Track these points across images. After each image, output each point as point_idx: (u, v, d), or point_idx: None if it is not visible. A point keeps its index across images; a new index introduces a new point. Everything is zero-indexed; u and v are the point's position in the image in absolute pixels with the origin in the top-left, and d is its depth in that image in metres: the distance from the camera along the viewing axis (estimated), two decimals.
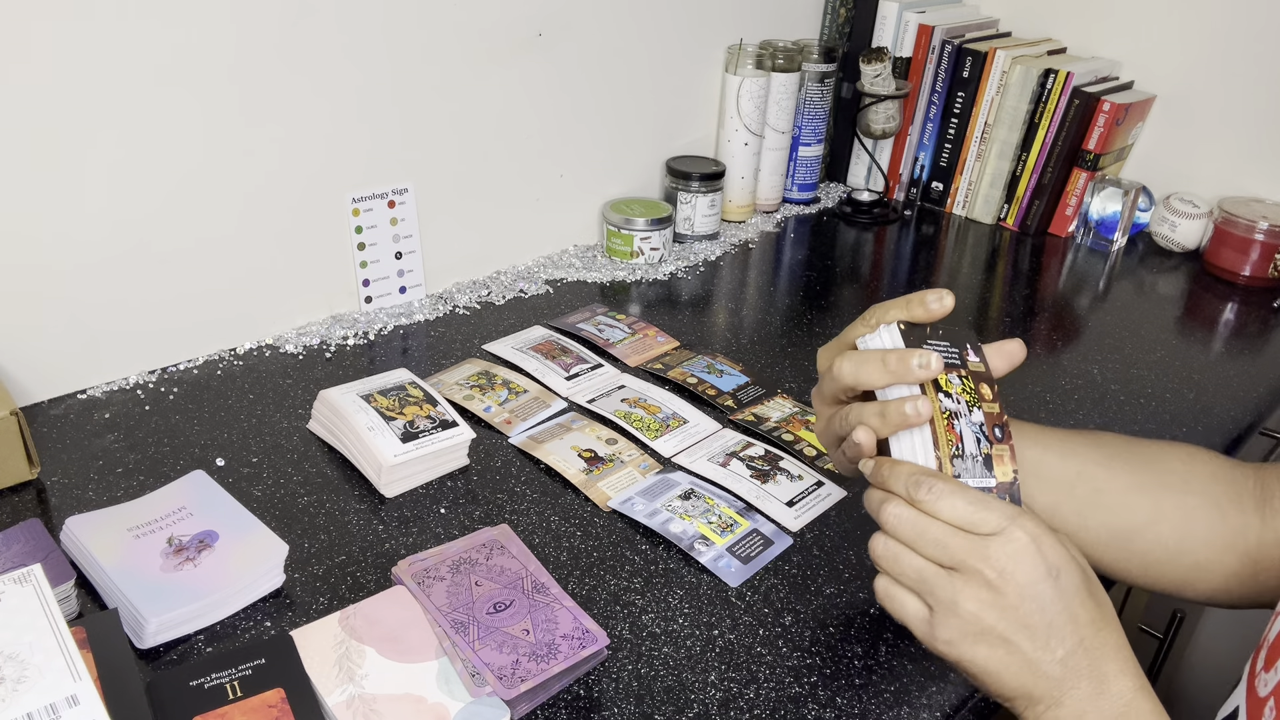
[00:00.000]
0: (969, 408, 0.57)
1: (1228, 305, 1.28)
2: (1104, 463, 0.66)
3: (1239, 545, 0.64)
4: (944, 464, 0.55)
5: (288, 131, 0.97)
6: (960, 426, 0.56)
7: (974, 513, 0.52)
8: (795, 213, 1.48)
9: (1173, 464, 0.67)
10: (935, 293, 0.57)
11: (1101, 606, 0.53)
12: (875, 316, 0.59)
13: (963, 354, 0.59)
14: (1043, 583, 0.51)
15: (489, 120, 1.13)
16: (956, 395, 0.57)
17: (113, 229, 0.89)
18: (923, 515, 0.53)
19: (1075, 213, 1.43)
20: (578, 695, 0.65)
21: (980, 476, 0.56)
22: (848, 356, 0.58)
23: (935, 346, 0.58)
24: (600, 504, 0.83)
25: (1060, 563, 0.51)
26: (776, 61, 1.37)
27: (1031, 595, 0.51)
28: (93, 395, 0.92)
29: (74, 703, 0.50)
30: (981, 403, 0.58)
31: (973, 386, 0.58)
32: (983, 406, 0.58)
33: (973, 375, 0.58)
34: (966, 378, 0.58)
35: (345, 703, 0.60)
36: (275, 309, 1.03)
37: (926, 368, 0.55)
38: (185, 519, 0.74)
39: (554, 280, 1.21)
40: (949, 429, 0.56)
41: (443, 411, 0.86)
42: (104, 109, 0.85)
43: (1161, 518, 0.65)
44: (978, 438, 0.57)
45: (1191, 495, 0.65)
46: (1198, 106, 1.41)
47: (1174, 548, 0.65)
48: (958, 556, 0.52)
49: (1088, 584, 0.52)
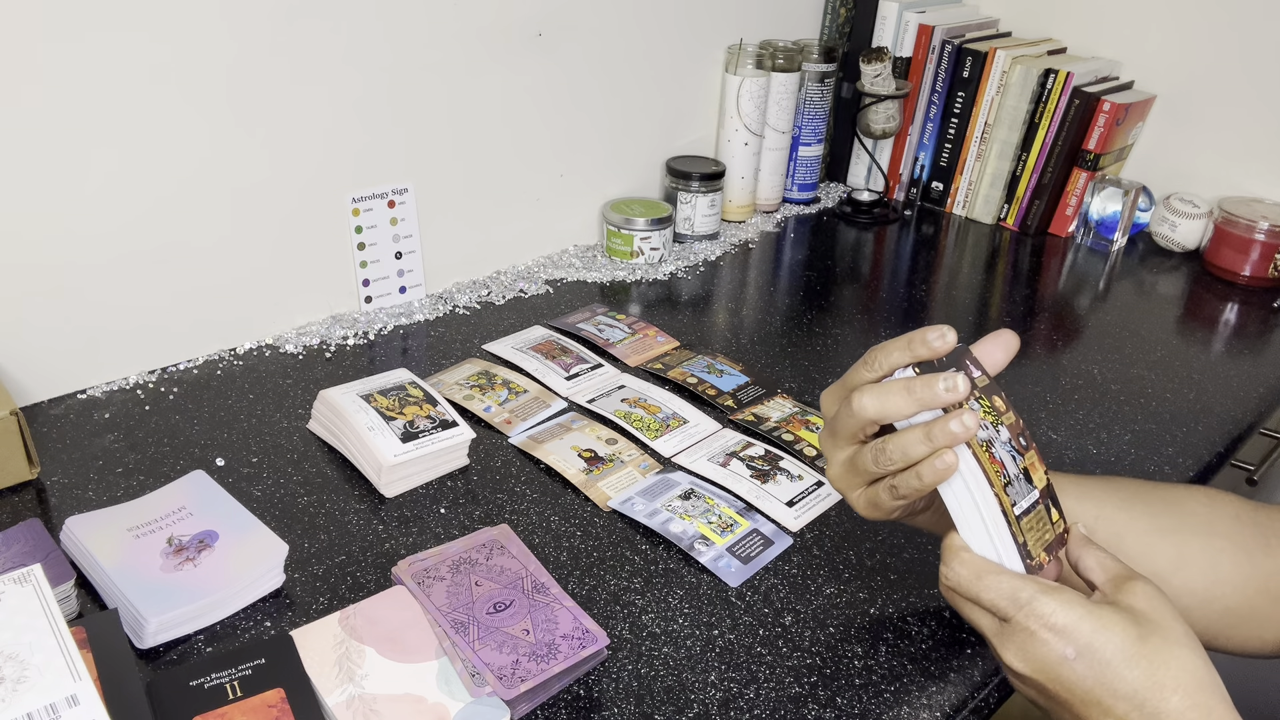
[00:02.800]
0: (995, 427, 0.56)
1: (1228, 305, 1.28)
2: (1123, 506, 0.64)
3: (1272, 589, 0.62)
4: (1001, 498, 0.55)
5: (288, 131, 0.97)
6: (998, 451, 0.56)
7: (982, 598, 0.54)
8: (795, 213, 1.48)
9: (1194, 506, 0.65)
10: (936, 330, 0.56)
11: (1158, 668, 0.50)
12: (877, 359, 0.58)
13: (969, 373, 0.57)
14: (1060, 667, 0.51)
15: (489, 120, 1.13)
16: (983, 421, 0.56)
17: (113, 229, 0.89)
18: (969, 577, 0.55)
19: (1075, 213, 1.43)
20: (578, 695, 0.65)
21: (1025, 495, 0.56)
22: (867, 390, 0.56)
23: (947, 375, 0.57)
24: (600, 504, 0.83)
25: (1081, 643, 0.51)
26: (776, 61, 1.37)
27: (1052, 679, 0.52)
28: (93, 395, 0.92)
29: (74, 703, 0.50)
30: (1001, 417, 0.57)
31: (989, 405, 0.57)
32: (1004, 421, 0.57)
33: (984, 393, 0.57)
34: (981, 398, 0.56)
35: (345, 703, 0.60)
36: (275, 309, 1.03)
37: (954, 390, 0.54)
38: (185, 519, 0.74)
39: (554, 280, 1.21)
40: (991, 459, 0.55)
41: (443, 411, 0.86)
42: (104, 110, 0.85)
43: (1187, 563, 0.63)
44: (1012, 455, 0.56)
45: (1216, 538, 0.63)
46: (1198, 106, 1.41)
47: (1203, 594, 0.63)
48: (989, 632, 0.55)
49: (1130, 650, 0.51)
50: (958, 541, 0.56)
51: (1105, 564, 0.56)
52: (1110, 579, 0.55)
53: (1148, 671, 0.50)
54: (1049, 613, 0.51)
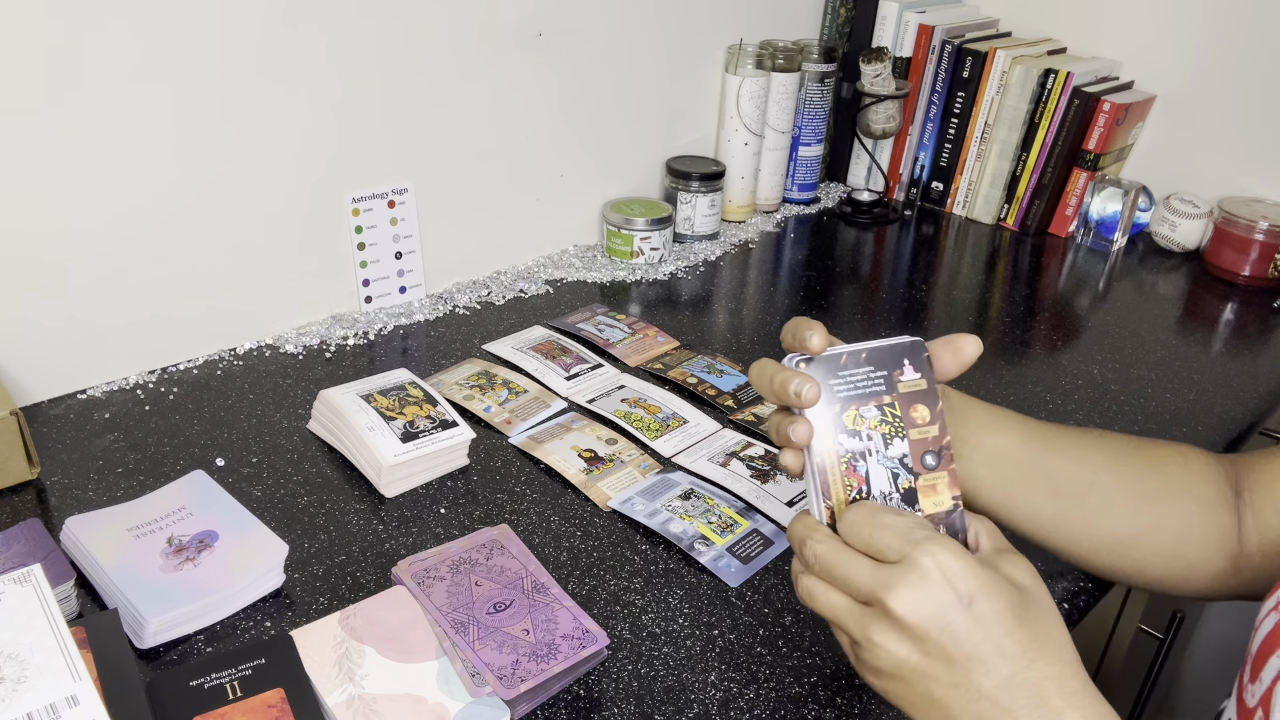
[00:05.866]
0: (887, 440, 0.54)
1: (1228, 305, 1.28)
2: (1113, 470, 0.65)
3: (1227, 546, 0.65)
4: (837, 512, 0.53)
5: (287, 132, 0.97)
6: (866, 467, 0.53)
7: (875, 537, 0.50)
8: (795, 213, 1.48)
9: (1171, 468, 0.66)
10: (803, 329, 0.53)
11: (1040, 636, 0.49)
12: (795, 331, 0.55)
13: (892, 376, 0.55)
14: (951, 611, 0.47)
15: (489, 120, 1.13)
16: (868, 431, 0.54)
17: (113, 229, 0.89)
18: (836, 546, 0.51)
19: (1075, 213, 1.43)
20: (578, 695, 0.65)
21: None
22: (757, 362, 0.56)
23: (847, 376, 0.54)
24: (600, 504, 0.83)
25: (975, 589, 0.48)
26: (776, 61, 1.37)
27: (939, 626, 0.47)
28: (93, 395, 0.92)
29: (74, 703, 0.50)
30: (910, 429, 0.54)
31: (899, 414, 0.54)
32: (910, 435, 0.54)
33: (903, 398, 0.54)
34: (891, 405, 0.54)
35: (345, 703, 0.60)
36: (275, 309, 1.03)
37: (800, 396, 0.52)
38: (185, 519, 0.74)
39: (554, 280, 1.21)
40: (849, 472, 0.53)
41: (443, 411, 0.86)
42: (103, 110, 0.85)
43: (1164, 525, 0.65)
44: (894, 473, 0.54)
45: (1190, 500, 0.65)
46: (1198, 106, 1.41)
47: (1171, 552, 0.65)
48: (864, 589, 0.49)
49: (1017, 611, 0.48)
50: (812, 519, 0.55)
51: (991, 533, 0.54)
52: (994, 547, 0.53)
53: (1032, 635, 0.48)
54: (944, 552, 0.48)
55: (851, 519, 0.51)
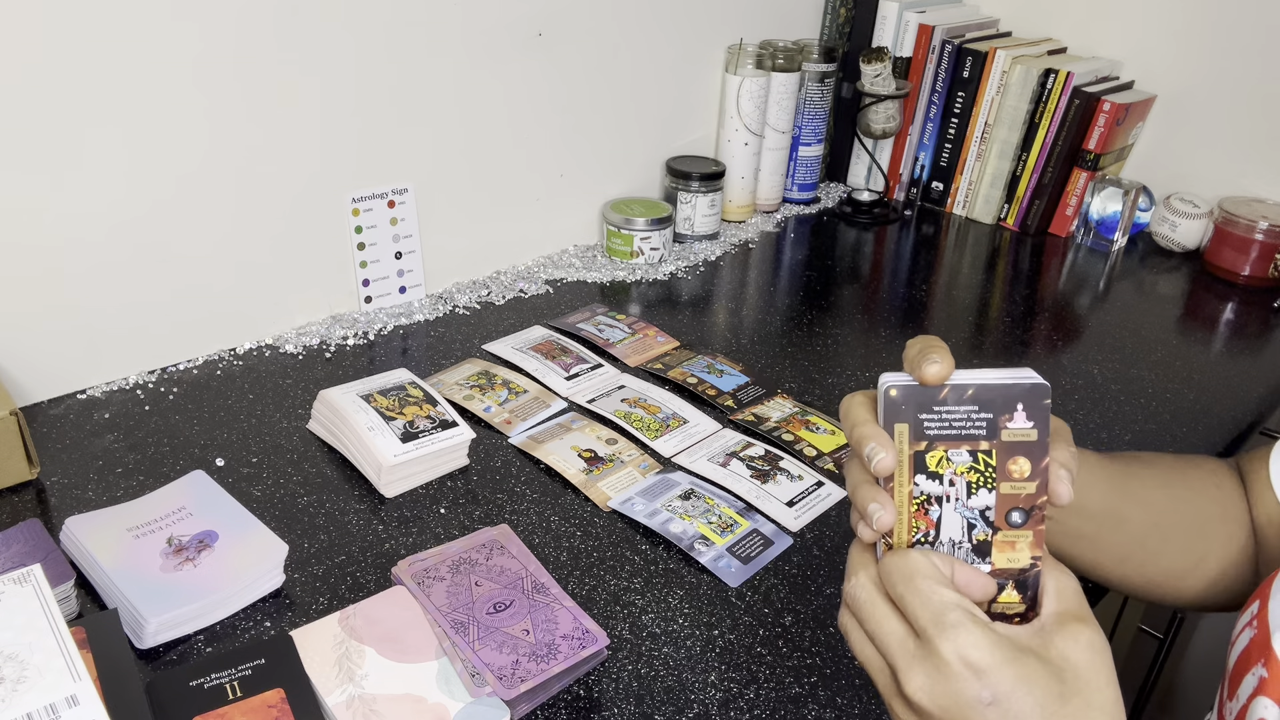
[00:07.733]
0: (972, 490, 0.48)
1: (1228, 305, 1.28)
2: (1170, 509, 0.66)
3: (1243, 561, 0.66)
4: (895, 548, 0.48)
5: (288, 132, 0.97)
6: (940, 512, 0.49)
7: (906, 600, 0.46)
8: (795, 213, 1.47)
9: (1211, 492, 0.67)
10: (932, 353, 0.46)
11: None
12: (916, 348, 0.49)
13: (998, 421, 0.48)
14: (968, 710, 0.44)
15: (489, 120, 1.13)
16: (951, 476, 0.48)
17: (113, 229, 0.89)
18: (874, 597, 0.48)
19: (1075, 213, 1.43)
20: (578, 695, 0.65)
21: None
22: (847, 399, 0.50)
23: (944, 413, 0.48)
24: (600, 504, 0.83)
25: (999, 691, 0.44)
26: (776, 61, 1.37)
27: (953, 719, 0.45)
28: (93, 395, 0.92)
29: (74, 703, 0.50)
30: (1002, 482, 0.48)
31: (993, 464, 0.48)
32: (1000, 488, 0.48)
33: (1004, 448, 0.48)
34: (988, 453, 0.48)
35: (345, 703, 0.60)
36: (275, 309, 1.03)
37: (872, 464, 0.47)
38: (185, 519, 0.74)
39: (554, 280, 1.21)
40: (919, 514, 0.49)
41: (443, 411, 0.86)
42: (103, 110, 0.85)
43: (1211, 553, 0.66)
44: (970, 524, 0.49)
45: (1231, 524, 0.66)
46: (1198, 106, 1.41)
47: (1215, 578, 0.66)
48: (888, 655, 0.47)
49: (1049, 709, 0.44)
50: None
51: (1064, 593, 0.49)
52: (1061, 611, 0.48)
53: None
54: (971, 646, 0.44)
55: (888, 570, 0.47)
